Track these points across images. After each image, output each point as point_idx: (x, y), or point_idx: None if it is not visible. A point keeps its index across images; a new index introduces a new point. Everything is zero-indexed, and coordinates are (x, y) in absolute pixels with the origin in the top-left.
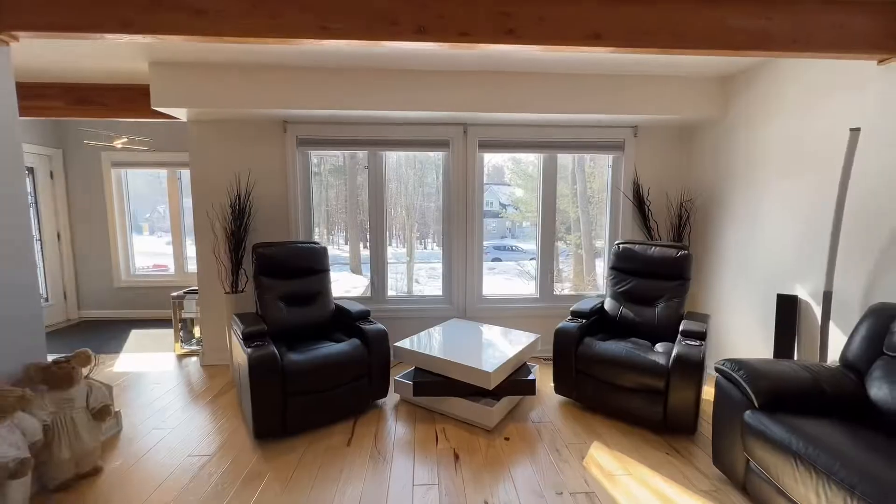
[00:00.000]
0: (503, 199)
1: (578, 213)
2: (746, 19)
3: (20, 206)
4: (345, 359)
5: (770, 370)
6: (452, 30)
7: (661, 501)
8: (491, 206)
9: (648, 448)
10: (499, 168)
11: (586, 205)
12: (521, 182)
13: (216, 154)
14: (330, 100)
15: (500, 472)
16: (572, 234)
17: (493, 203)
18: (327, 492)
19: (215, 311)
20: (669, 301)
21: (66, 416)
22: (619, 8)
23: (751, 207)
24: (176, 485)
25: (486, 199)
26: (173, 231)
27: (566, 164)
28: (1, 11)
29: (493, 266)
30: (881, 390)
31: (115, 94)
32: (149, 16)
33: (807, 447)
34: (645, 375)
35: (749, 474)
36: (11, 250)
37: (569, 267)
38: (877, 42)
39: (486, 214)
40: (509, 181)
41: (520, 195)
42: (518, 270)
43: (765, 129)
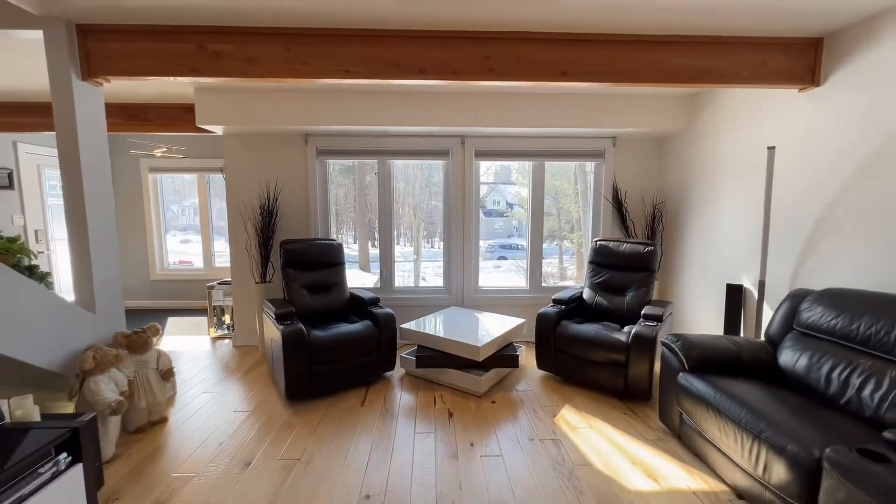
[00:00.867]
0: (509, 198)
1: (580, 212)
2: (685, 59)
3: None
4: (359, 336)
5: (702, 342)
6: (446, 70)
7: (612, 446)
8: (498, 205)
9: (610, 410)
10: (506, 167)
11: (587, 205)
12: (526, 181)
13: (247, 163)
14: (345, 117)
15: (485, 425)
16: (575, 232)
17: (500, 202)
18: (346, 437)
19: (246, 299)
20: (637, 290)
21: (142, 374)
22: (581, 52)
23: (708, 209)
24: (228, 429)
25: (493, 199)
26: (202, 230)
27: (569, 166)
28: (98, 61)
29: (498, 265)
30: (787, 357)
31: (162, 112)
32: (213, 63)
33: (722, 399)
34: (610, 351)
35: (682, 426)
36: (108, 253)
37: (573, 265)
38: (796, 75)
39: (492, 214)
40: (515, 180)
41: (526, 195)
42: (518, 268)
43: (717, 141)
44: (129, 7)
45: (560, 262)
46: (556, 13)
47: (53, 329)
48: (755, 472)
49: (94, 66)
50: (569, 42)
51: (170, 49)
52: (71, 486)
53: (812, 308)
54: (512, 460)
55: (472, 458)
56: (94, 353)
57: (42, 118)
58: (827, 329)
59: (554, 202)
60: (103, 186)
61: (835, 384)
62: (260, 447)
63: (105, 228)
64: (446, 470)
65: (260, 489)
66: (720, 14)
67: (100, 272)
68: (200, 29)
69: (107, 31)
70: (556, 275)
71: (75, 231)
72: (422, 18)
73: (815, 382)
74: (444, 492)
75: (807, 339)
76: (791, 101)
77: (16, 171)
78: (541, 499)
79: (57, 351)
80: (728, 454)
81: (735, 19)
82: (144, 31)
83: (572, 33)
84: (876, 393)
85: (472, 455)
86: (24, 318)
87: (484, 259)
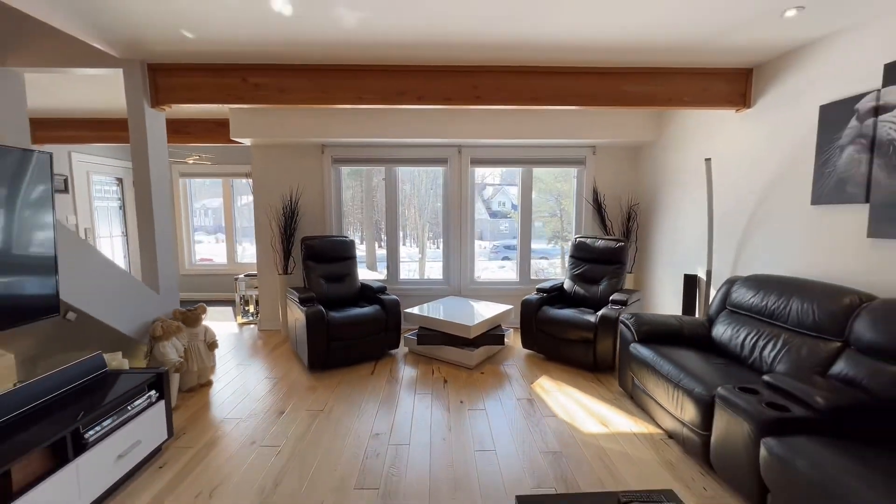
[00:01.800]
0: (514, 199)
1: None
2: (637, 86)
3: (168, 215)
4: (369, 318)
5: (651, 319)
6: (441, 97)
7: (576, 404)
8: (503, 207)
9: (579, 378)
10: (511, 169)
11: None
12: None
13: (272, 170)
14: (357, 131)
15: (474, 390)
16: (576, 233)
17: (506, 203)
18: (359, 396)
19: (270, 289)
20: (610, 280)
21: (194, 344)
22: (550, 81)
23: (672, 210)
24: (262, 390)
25: (498, 200)
26: (227, 228)
27: (571, 170)
28: (165, 93)
29: (502, 265)
30: (717, 330)
31: (200, 126)
32: (253, 93)
33: (658, 360)
34: (581, 330)
35: (634, 387)
36: (167, 245)
37: None
38: (731, 99)
39: (498, 215)
40: (518, 182)
41: (532, 196)
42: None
43: (678, 152)
44: (189, 51)
45: (563, 263)
46: (527, 52)
47: (132, 303)
48: (676, 413)
49: (161, 97)
50: (539, 73)
51: (220, 82)
52: (157, 416)
53: (738, 291)
54: (493, 413)
55: (461, 411)
56: (161, 323)
57: (92, 132)
58: (746, 306)
59: (556, 203)
60: (165, 191)
61: (746, 348)
62: (290, 402)
63: (166, 226)
64: (439, 419)
65: (292, 429)
66: (670, 51)
67: (162, 261)
68: (244, 66)
69: (172, 69)
70: (559, 275)
71: (145, 227)
72: (421, 58)
73: (734, 348)
74: (436, 433)
75: (733, 315)
76: (730, 120)
77: (70, 178)
78: (513, 438)
79: (134, 320)
80: (661, 403)
81: (682, 55)
82: (201, 69)
83: (542, 66)
84: (772, 353)
85: (462, 409)
86: (114, 294)
87: (489, 259)
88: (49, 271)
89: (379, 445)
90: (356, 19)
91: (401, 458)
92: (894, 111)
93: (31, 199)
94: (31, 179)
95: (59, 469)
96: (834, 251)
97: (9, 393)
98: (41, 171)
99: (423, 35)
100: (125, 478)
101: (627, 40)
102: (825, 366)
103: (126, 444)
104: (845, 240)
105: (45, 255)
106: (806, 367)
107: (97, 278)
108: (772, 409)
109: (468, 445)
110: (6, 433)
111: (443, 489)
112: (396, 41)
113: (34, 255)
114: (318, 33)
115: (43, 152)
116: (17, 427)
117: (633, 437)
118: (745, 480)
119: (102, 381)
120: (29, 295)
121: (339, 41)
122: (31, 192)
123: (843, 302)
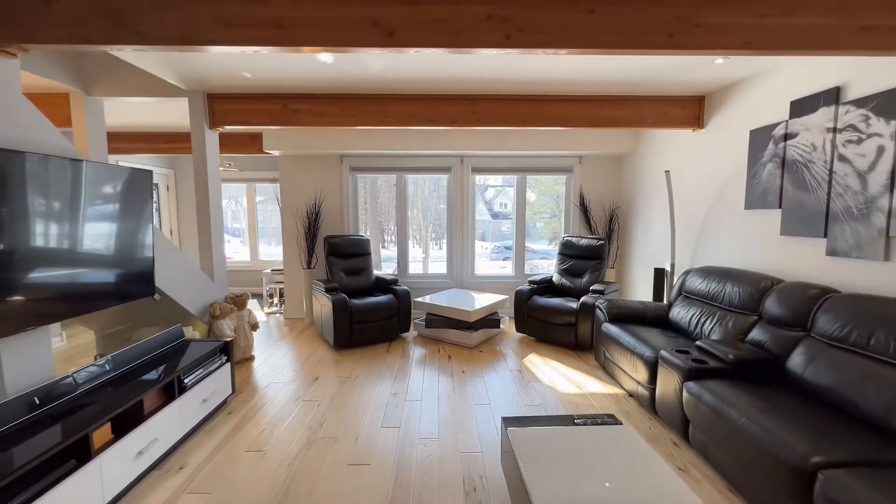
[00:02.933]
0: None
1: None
2: (607, 111)
3: (220, 215)
4: (384, 305)
5: (620, 304)
6: (446, 120)
7: (558, 373)
8: (504, 208)
9: (563, 355)
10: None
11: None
12: (531, 186)
13: (298, 177)
14: (372, 144)
15: (474, 363)
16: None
17: (507, 205)
18: (378, 367)
19: (295, 281)
20: (592, 273)
21: (241, 324)
22: (536, 106)
23: (646, 213)
24: (297, 363)
25: (499, 202)
26: (250, 229)
27: (560, 176)
28: (221, 117)
29: (504, 265)
30: (674, 312)
31: (234, 138)
32: (293, 116)
33: (623, 335)
34: (565, 315)
35: (605, 360)
36: (220, 241)
37: None
38: (687, 121)
39: (500, 216)
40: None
41: (533, 198)
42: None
43: (650, 163)
44: (241, 85)
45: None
46: (517, 86)
47: (195, 287)
48: (634, 375)
49: (217, 120)
50: (527, 100)
51: (265, 108)
52: (225, 375)
53: (690, 280)
54: (489, 380)
55: (462, 378)
56: (219, 305)
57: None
58: (696, 292)
59: (556, 205)
60: (217, 197)
61: (692, 324)
62: (321, 371)
63: (219, 225)
64: (445, 383)
65: (326, 390)
66: (634, 85)
67: (216, 254)
68: (285, 94)
69: (226, 97)
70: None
71: (203, 225)
72: (429, 88)
73: (684, 325)
74: (443, 392)
75: (686, 299)
76: (689, 138)
77: None
78: (504, 396)
79: (198, 302)
80: (623, 368)
81: (644, 87)
82: (250, 97)
83: (529, 95)
84: (710, 326)
85: (463, 377)
86: (186, 281)
87: (490, 259)
88: (150, 264)
89: (398, 401)
90: (381, 65)
91: (415, 409)
92: (798, 137)
93: (139, 208)
94: (141, 191)
95: (169, 403)
96: (759, 246)
97: (126, 349)
98: (144, 184)
99: (432, 73)
100: (208, 417)
101: (599, 77)
102: (745, 334)
103: (208, 392)
104: (766, 237)
105: (147, 253)
106: (731, 335)
107: (176, 270)
108: (695, 363)
109: (468, 400)
110: (132, 376)
111: (449, 428)
112: (411, 78)
113: (141, 253)
114: (349, 74)
115: (146, 170)
116: (137, 372)
117: (601, 396)
118: (675, 417)
119: (184, 346)
120: (138, 281)
121: (366, 79)
122: (140, 202)
123: (759, 285)
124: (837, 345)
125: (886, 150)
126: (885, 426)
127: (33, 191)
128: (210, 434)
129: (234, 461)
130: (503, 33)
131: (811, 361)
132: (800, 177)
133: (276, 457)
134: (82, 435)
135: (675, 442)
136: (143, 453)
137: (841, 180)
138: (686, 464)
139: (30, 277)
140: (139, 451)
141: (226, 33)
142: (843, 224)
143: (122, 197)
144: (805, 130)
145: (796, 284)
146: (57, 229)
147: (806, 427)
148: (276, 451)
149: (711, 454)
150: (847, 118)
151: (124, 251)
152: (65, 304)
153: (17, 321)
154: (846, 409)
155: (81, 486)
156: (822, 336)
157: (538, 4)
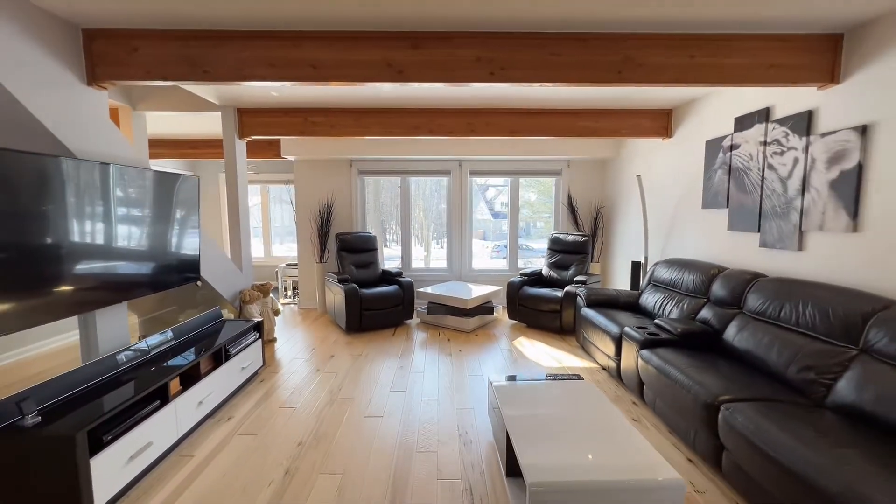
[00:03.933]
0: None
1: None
2: (586, 122)
3: (247, 215)
4: (390, 295)
5: (597, 291)
6: (445, 131)
7: (542, 352)
8: (504, 207)
9: (549, 338)
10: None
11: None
12: (529, 186)
13: (311, 179)
14: (379, 150)
15: (470, 345)
16: None
17: (507, 204)
18: (386, 347)
19: (308, 274)
20: (577, 266)
21: (265, 309)
22: (525, 118)
23: (625, 212)
24: (313, 344)
25: (500, 201)
26: (263, 228)
27: (550, 178)
28: (249, 128)
29: (504, 265)
30: (643, 298)
31: (254, 144)
32: (312, 128)
33: (597, 316)
34: (551, 303)
35: (584, 340)
36: (247, 237)
37: None
38: (657, 131)
39: (500, 216)
40: (520, 184)
41: (533, 198)
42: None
43: (629, 167)
44: (266, 101)
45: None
46: (508, 102)
47: (229, 278)
48: (605, 350)
49: (245, 131)
50: (516, 113)
51: (287, 120)
52: (257, 349)
53: (658, 270)
54: (483, 358)
55: (459, 356)
56: (248, 292)
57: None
58: (661, 280)
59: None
60: (245, 198)
61: (657, 307)
62: (336, 350)
63: (246, 223)
64: (444, 360)
65: (342, 364)
66: (608, 100)
67: (244, 248)
68: (305, 109)
69: (253, 111)
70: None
71: (233, 224)
72: (430, 104)
73: (650, 309)
74: (442, 367)
75: (653, 287)
76: (660, 146)
77: None
78: (495, 369)
79: (231, 290)
80: (597, 345)
81: (617, 103)
82: (274, 111)
83: (519, 108)
84: (670, 309)
85: (460, 355)
86: (223, 272)
87: (491, 258)
88: (197, 256)
89: (404, 372)
90: (390, 87)
91: (418, 378)
92: (740, 148)
93: (190, 208)
94: (191, 194)
95: (218, 367)
96: (712, 240)
97: (182, 323)
98: (193, 189)
99: (433, 93)
100: (245, 382)
101: (577, 96)
102: (696, 313)
103: (246, 362)
104: (717, 232)
105: (195, 247)
106: (685, 315)
107: (214, 261)
108: (650, 336)
109: (464, 372)
110: (189, 345)
111: (447, 392)
112: (415, 97)
113: (191, 246)
114: (363, 94)
115: (195, 176)
116: (191, 342)
117: (578, 369)
118: (634, 381)
119: (222, 325)
120: (189, 269)
121: (377, 98)
122: (190, 203)
123: (709, 273)
124: (758, 318)
125: (799, 160)
126: (783, 377)
127: (116, 196)
128: (248, 396)
129: (271, 413)
130: (488, 71)
131: (739, 331)
132: (741, 181)
133: (305, 412)
134: (163, 382)
135: (634, 402)
136: (203, 403)
137: (769, 185)
138: (640, 416)
139: (117, 266)
140: (199, 402)
141: (270, 71)
142: (771, 221)
143: (178, 199)
144: (745, 143)
145: (735, 271)
146: (134, 228)
147: (724, 378)
148: (305, 408)
149: (658, 407)
150: (774, 134)
151: (179, 245)
152: (141, 285)
153: (108, 297)
154: (759, 366)
155: (163, 421)
156: (750, 312)
157: (515, 49)
